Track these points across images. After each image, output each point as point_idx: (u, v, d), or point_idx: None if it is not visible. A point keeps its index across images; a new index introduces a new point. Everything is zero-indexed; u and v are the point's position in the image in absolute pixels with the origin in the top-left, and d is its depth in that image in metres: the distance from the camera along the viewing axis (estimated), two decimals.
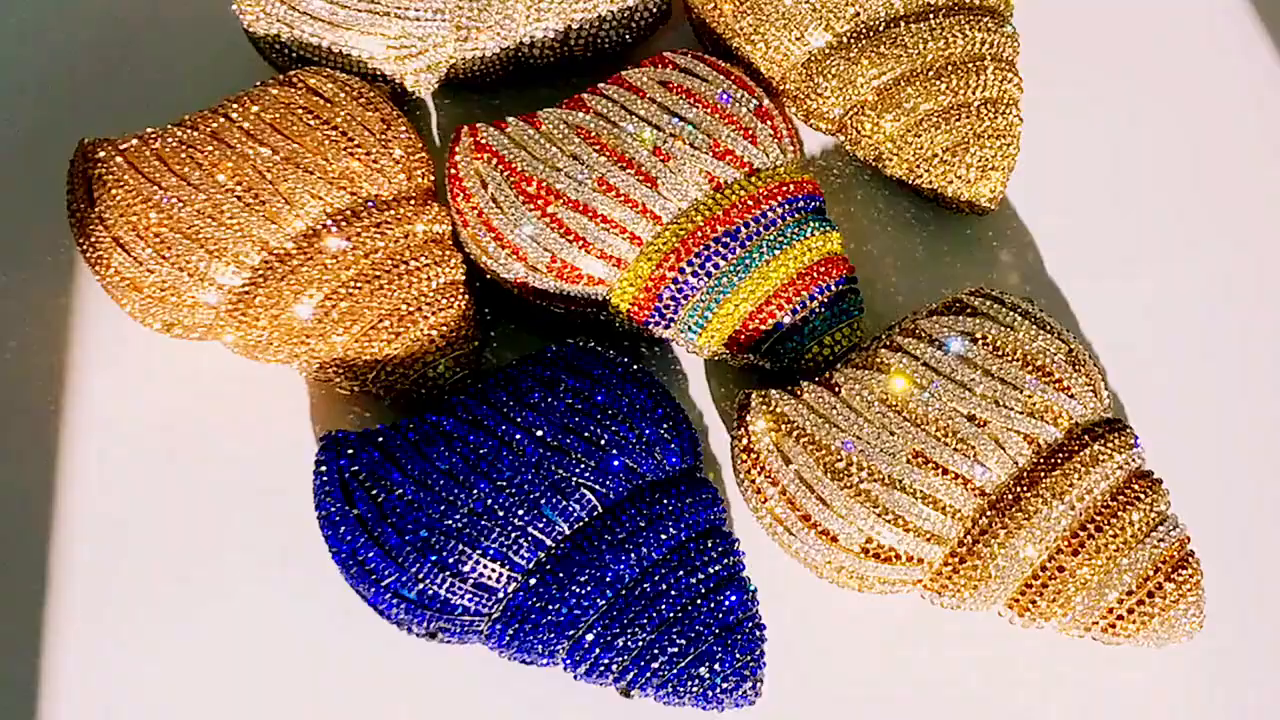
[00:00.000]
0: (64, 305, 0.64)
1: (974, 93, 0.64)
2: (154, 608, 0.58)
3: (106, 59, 0.70)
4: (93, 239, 0.59)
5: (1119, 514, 0.54)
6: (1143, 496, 0.55)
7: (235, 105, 0.61)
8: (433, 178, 0.63)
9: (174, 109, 0.65)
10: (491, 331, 0.64)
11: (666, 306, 0.60)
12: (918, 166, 0.64)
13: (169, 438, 0.61)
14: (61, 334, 0.63)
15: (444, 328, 0.59)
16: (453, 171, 0.62)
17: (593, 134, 0.61)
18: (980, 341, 0.56)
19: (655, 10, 0.67)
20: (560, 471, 0.54)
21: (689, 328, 0.60)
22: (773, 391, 0.57)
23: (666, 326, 0.60)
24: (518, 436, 0.55)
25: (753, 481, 0.56)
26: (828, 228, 0.61)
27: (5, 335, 0.63)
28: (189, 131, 0.60)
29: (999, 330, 0.57)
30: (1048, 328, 0.58)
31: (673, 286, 0.59)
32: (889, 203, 0.68)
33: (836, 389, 0.56)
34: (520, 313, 0.63)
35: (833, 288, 0.60)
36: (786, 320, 0.59)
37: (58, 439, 0.61)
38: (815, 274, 0.60)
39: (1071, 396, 0.56)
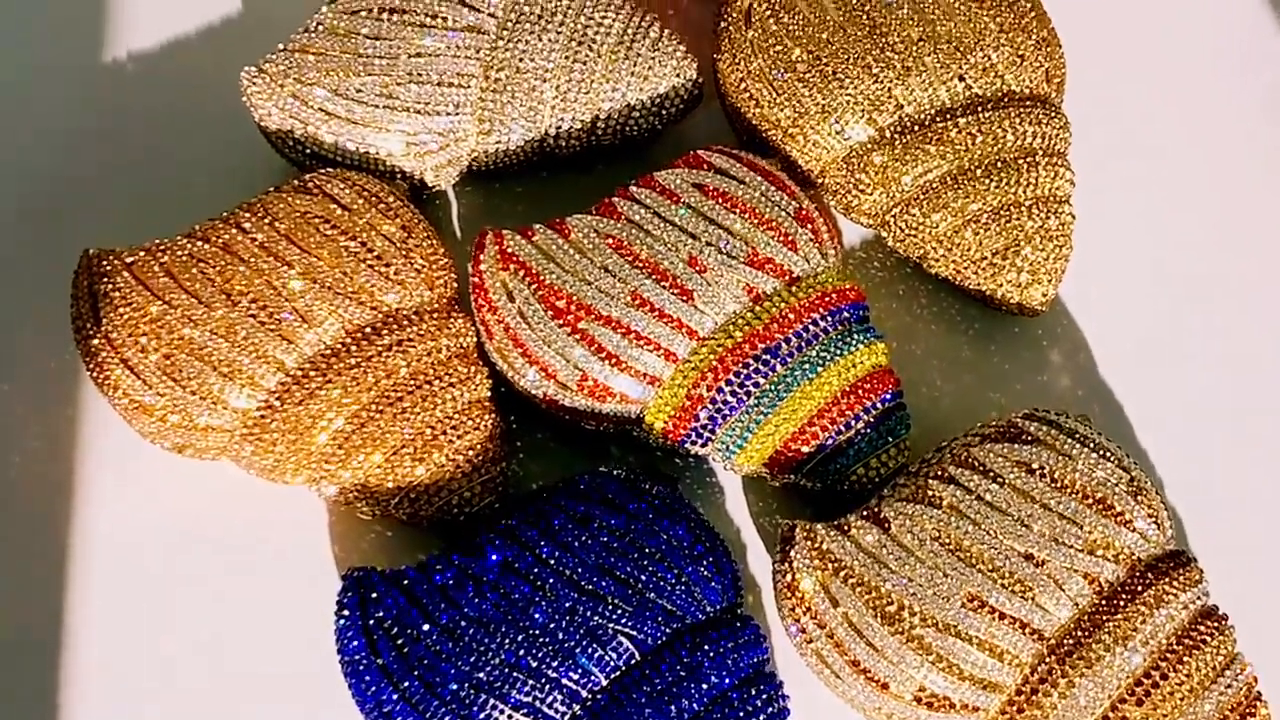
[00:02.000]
0: (69, 416, 0.61)
1: (1025, 190, 0.60)
2: None
3: (116, 150, 0.67)
4: (99, 360, 0.56)
5: (1185, 659, 0.52)
6: (1209, 639, 0.52)
7: (248, 215, 0.58)
8: (455, 284, 0.60)
9: (185, 202, 0.63)
10: (518, 441, 0.61)
11: (704, 426, 0.57)
12: (965, 268, 0.61)
13: (179, 558, 0.58)
14: (66, 447, 0.60)
15: (470, 451, 0.56)
16: (477, 281, 0.58)
17: (625, 244, 0.58)
18: (1038, 473, 0.53)
19: (686, 96, 0.64)
20: (595, 617, 0.51)
21: (727, 447, 0.57)
22: (818, 527, 0.54)
23: (703, 445, 0.57)
24: (550, 581, 0.52)
25: (797, 621, 0.53)
26: (872, 338, 0.58)
27: (7, 449, 0.60)
28: (200, 244, 0.57)
29: (1056, 459, 0.54)
30: (1107, 454, 0.55)
31: (710, 406, 0.56)
32: (932, 298, 0.64)
33: (886, 525, 0.53)
34: (547, 422, 0.60)
35: (879, 405, 0.57)
36: (830, 441, 0.56)
37: (63, 558, 0.58)
38: (861, 391, 0.57)
39: (1134, 530, 0.53)
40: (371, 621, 0.52)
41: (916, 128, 0.61)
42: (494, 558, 0.53)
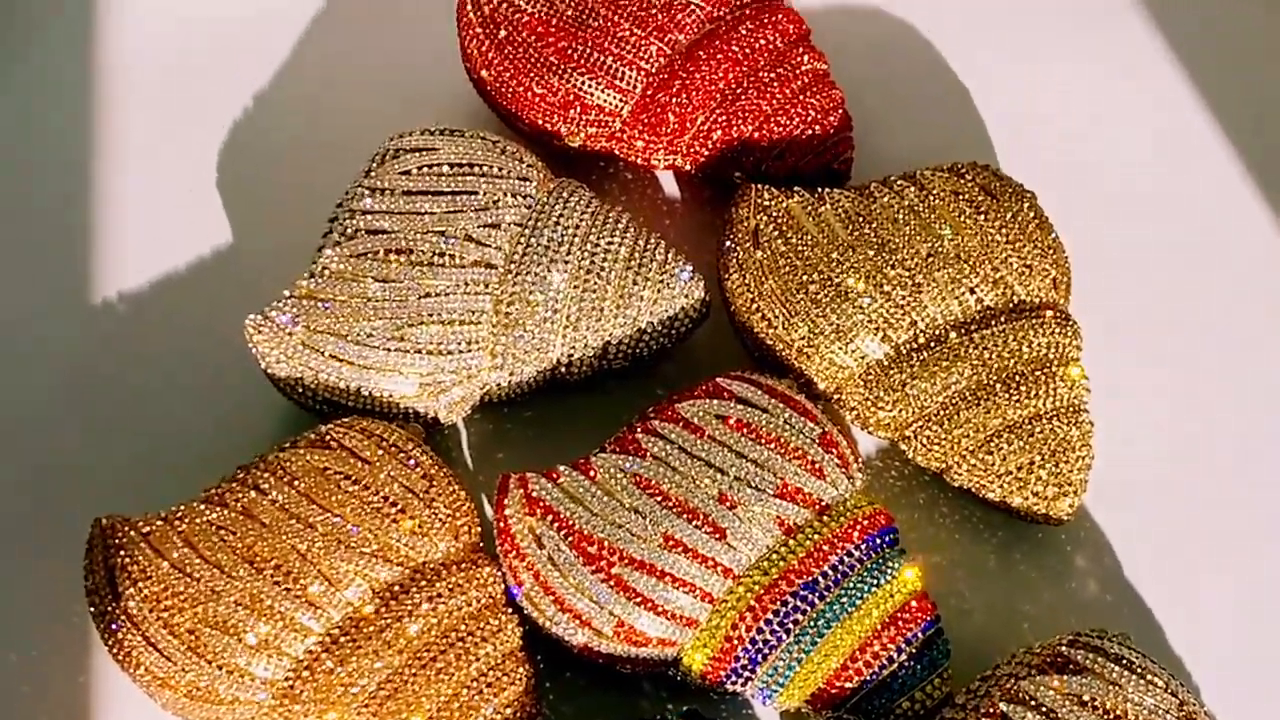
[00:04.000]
0: (83, 685, 0.58)
1: (1045, 402, 0.60)
2: None
3: (117, 400, 0.65)
4: (119, 636, 0.54)
5: None
6: None
7: (266, 474, 0.56)
8: (479, 529, 0.58)
9: (193, 450, 0.62)
10: (547, 683, 0.59)
11: (744, 666, 0.56)
12: (989, 481, 0.61)
13: None
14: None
15: (508, 709, 0.55)
16: (502, 526, 0.57)
17: (653, 482, 0.57)
18: (1089, 705, 0.53)
19: (695, 315, 0.64)
20: None
21: (767, 687, 0.56)
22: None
23: (743, 684, 0.56)
24: None
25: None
26: (906, 562, 0.57)
27: None
28: (219, 510, 0.56)
29: (1106, 688, 0.53)
30: (1153, 679, 0.54)
31: (750, 647, 0.55)
32: (953, 507, 0.64)
33: None
34: (577, 662, 0.59)
35: (920, 635, 0.56)
36: (874, 677, 0.56)
37: None
38: (901, 622, 0.56)
39: None
40: None
41: (932, 343, 0.61)
42: None
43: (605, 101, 0.67)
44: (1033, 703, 0.53)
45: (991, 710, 0.54)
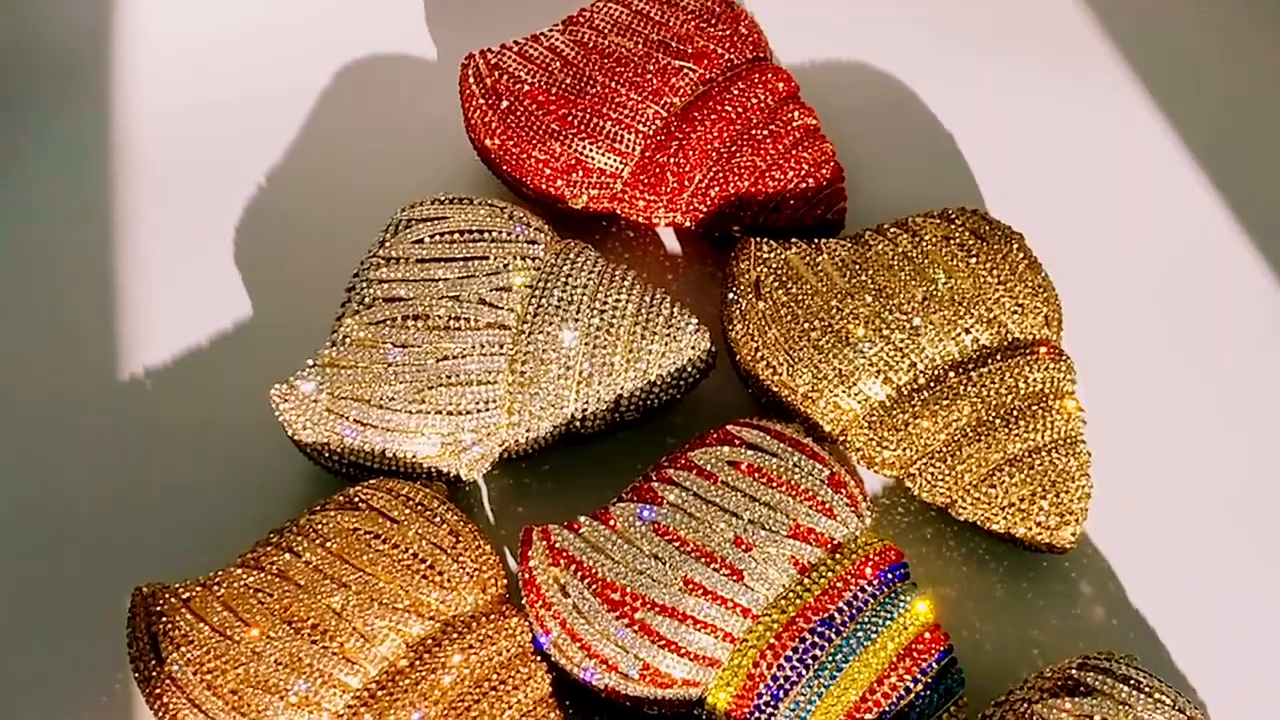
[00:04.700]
0: None
1: (1043, 435, 0.63)
2: None
3: (143, 470, 0.67)
4: (165, 700, 0.56)
5: None
6: None
7: (299, 538, 0.59)
8: (505, 581, 0.61)
9: (222, 518, 0.64)
10: None
11: (767, 703, 0.58)
12: (993, 514, 0.63)
13: None
14: None
15: None
16: (528, 578, 0.59)
17: (670, 529, 0.59)
18: None
19: (702, 366, 0.66)
20: None
21: None
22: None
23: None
24: None
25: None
26: (918, 595, 0.60)
27: None
28: (255, 573, 0.58)
29: (1115, 708, 0.55)
30: (1160, 697, 0.56)
31: (772, 684, 0.57)
32: (960, 539, 0.66)
33: None
34: (602, 705, 0.61)
35: (935, 665, 0.58)
36: (892, 707, 0.58)
37: None
38: (915, 653, 0.58)
39: None
40: None
41: (932, 383, 0.63)
42: None
43: (606, 164, 0.70)
44: None
45: None
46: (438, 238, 0.65)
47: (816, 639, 0.58)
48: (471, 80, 0.72)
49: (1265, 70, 0.82)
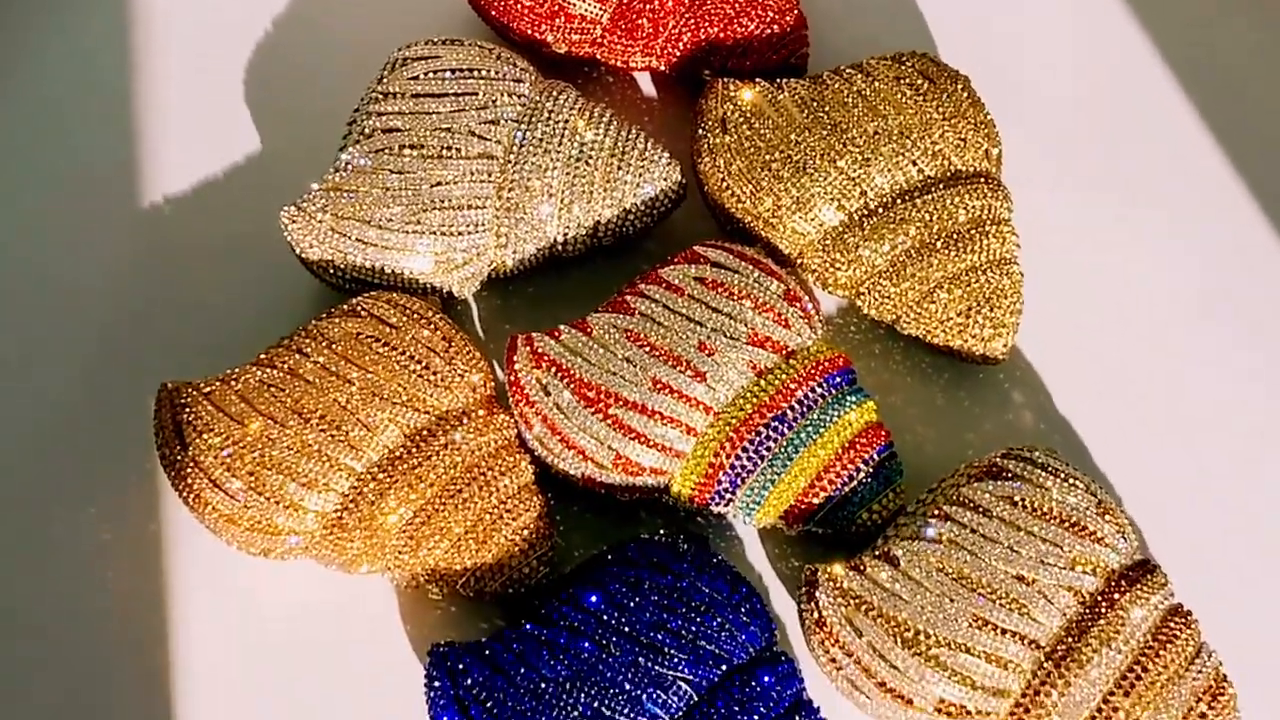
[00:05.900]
0: (154, 533, 0.67)
1: (979, 257, 0.69)
2: None
3: (166, 287, 0.74)
4: (188, 481, 0.63)
5: (1160, 653, 0.60)
6: (1179, 634, 0.61)
7: (307, 340, 0.65)
8: (493, 384, 0.67)
9: (237, 329, 0.70)
10: (557, 516, 0.68)
11: (725, 490, 0.65)
12: (933, 328, 0.70)
13: (269, 652, 0.65)
14: (155, 561, 0.67)
15: (525, 531, 0.64)
16: (513, 380, 0.66)
17: (641, 336, 0.66)
18: (1020, 505, 0.62)
19: (674, 196, 0.72)
20: (656, 667, 0.59)
21: (746, 506, 0.65)
22: (837, 569, 0.62)
23: (725, 505, 0.66)
24: (614, 639, 0.60)
25: (827, 652, 0.61)
26: (863, 398, 0.66)
27: (103, 567, 0.67)
28: (268, 370, 0.64)
29: (1034, 491, 0.63)
30: (1075, 481, 0.63)
31: (730, 473, 0.64)
32: (905, 355, 0.73)
33: (896, 562, 0.61)
34: (581, 496, 0.68)
35: (875, 457, 0.65)
36: (837, 493, 0.65)
37: (164, 668, 0.65)
38: (858, 447, 0.65)
39: (1106, 545, 0.62)
40: (461, 690, 0.59)
41: (881, 210, 0.70)
42: (563, 624, 0.60)
43: (586, 11, 0.75)
44: (971, 504, 0.62)
45: (936, 513, 0.63)
46: (431, 75, 0.71)
47: (770, 433, 0.65)
48: None
49: None
